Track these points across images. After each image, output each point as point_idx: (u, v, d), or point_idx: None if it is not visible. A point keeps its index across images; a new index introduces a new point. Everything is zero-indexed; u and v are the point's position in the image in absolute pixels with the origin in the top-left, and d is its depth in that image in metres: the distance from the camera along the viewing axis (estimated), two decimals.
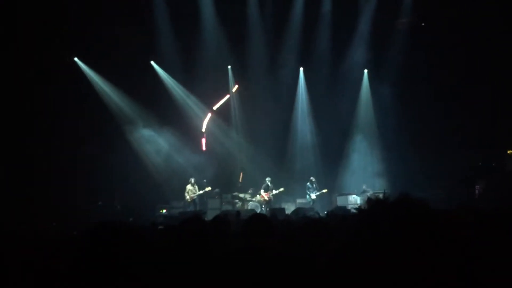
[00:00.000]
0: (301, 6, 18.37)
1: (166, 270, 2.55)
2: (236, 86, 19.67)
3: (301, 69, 19.98)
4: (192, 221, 3.32)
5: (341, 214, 7.12)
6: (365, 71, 19.82)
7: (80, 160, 16.41)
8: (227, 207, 17.60)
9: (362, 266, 1.54)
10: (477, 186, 16.09)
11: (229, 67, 19.64)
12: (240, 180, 17.57)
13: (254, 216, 3.80)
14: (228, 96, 19.68)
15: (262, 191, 17.57)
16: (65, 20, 15.82)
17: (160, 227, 7.55)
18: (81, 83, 17.42)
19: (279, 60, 18.97)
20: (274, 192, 17.58)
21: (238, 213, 11.94)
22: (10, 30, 15.28)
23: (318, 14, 18.50)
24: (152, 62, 18.85)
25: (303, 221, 3.08)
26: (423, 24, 18.43)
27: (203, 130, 19.34)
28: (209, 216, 14.04)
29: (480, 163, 17.10)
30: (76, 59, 17.79)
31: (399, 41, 18.40)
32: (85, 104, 17.00)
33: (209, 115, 19.43)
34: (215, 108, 19.50)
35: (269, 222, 3.48)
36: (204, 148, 19.20)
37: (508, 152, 17.06)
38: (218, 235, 4.13)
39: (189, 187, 17.11)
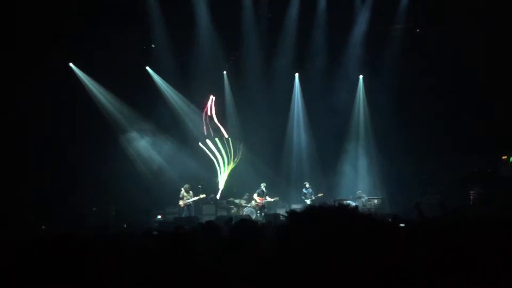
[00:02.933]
0: (296, 11, 18.39)
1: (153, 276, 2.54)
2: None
3: (297, 74, 20.01)
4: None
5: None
6: (361, 76, 19.87)
7: (74, 166, 16.36)
8: (222, 213, 17.56)
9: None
10: (471, 192, 16.13)
11: (225, 72, 19.65)
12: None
13: (241, 221, 3.82)
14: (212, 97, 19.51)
15: (255, 195, 17.53)
16: (60, 26, 15.80)
17: (155, 232, 7.51)
18: (76, 89, 17.38)
19: (274, 65, 18.98)
20: (269, 199, 17.54)
21: (230, 219, 11.89)
22: (6, 36, 15.26)
23: (313, 19, 18.52)
24: (148, 68, 18.85)
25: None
26: (418, 30, 18.51)
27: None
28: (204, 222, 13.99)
29: (475, 169, 17.14)
30: (71, 64, 17.77)
31: (394, 46, 18.42)
32: (80, 110, 16.98)
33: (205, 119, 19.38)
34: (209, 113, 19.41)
35: (255, 225, 3.49)
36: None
37: (503, 157, 17.11)
38: (208, 240, 4.13)
39: (183, 193, 17.06)
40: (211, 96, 19.29)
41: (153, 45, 18.09)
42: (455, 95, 17.11)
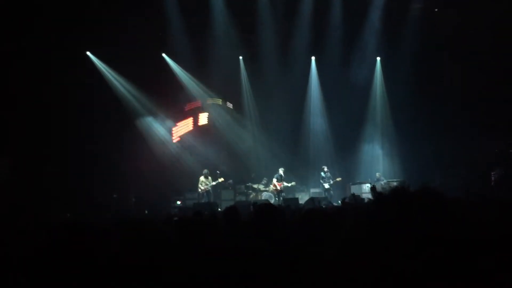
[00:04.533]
0: None
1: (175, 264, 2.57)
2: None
3: (313, 58, 19.85)
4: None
5: (354, 203, 7.10)
6: (378, 58, 19.63)
7: (95, 153, 16.55)
8: (240, 198, 17.68)
9: (371, 256, 1.53)
10: (493, 173, 15.90)
11: (240, 57, 19.58)
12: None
13: (265, 207, 3.80)
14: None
15: (274, 180, 17.55)
16: (76, 15, 15.87)
17: (175, 218, 7.59)
18: (94, 77, 17.51)
19: (291, 49, 18.85)
20: (286, 184, 17.55)
21: (254, 203, 11.94)
22: (23, 25, 15.38)
23: (330, 1, 18.28)
24: (164, 54, 18.88)
25: (311, 212, 3.08)
26: (436, 10, 18.14)
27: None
28: (223, 207, 14.14)
29: (496, 150, 16.87)
30: (88, 53, 17.89)
31: (412, 27, 18.13)
32: (98, 98, 17.10)
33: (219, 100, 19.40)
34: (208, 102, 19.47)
35: (279, 213, 3.48)
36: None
37: None
38: (228, 226, 4.15)
39: (202, 178, 17.16)
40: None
41: (160, 33, 18.02)
42: (474, 76, 16.78)
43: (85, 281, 2.11)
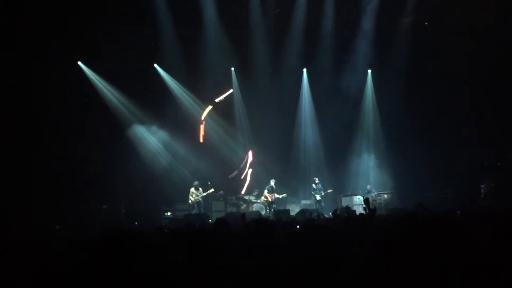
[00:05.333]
0: (304, 6, 18.30)
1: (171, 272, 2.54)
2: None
3: (305, 70, 19.95)
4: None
5: (346, 216, 7.09)
6: (369, 71, 19.77)
7: (84, 163, 16.42)
8: (231, 209, 17.59)
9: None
10: (482, 186, 16.00)
11: (232, 68, 19.63)
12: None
13: (257, 220, 3.77)
14: (231, 90, 19.55)
15: (266, 191, 17.53)
16: (68, 24, 15.85)
17: (166, 230, 7.52)
18: (84, 86, 17.44)
19: (282, 61, 18.93)
20: (277, 196, 17.53)
21: (243, 215, 11.89)
22: (13, 33, 15.32)
23: (321, 13, 18.41)
24: (156, 65, 18.88)
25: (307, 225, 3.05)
26: (426, 23, 18.34)
27: (202, 118, 19.23)
28: (214, 218, 14.06)
29: (485, 163, 16.99)
30: (79, 63, 17.83)
31: (403, 40, 18.31)
32: (88, 107, 17.03)
33: (210, 107, 19.32)
34: (217, 100, 19.35)
35: (271, 226, 3.46)
36: (201, 140, 19.10)
37: None
38: (220, 237, 4.11)
39: (192, 190, 17.10)
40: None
41: (152, 44, 18.03)
42: (464, 88, 16.95)
43: None
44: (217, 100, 19.35)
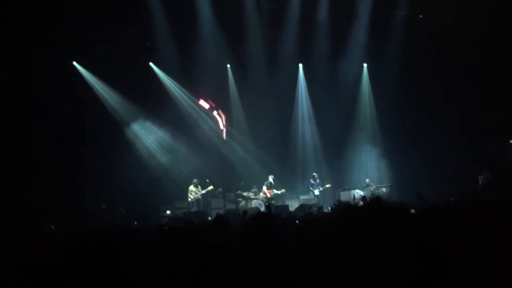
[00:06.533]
0: (298, 2, 18.25)
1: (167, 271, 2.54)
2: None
3: (301, 65, 19.92)
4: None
5: (344, 206, 7.05)
6: (365, 65, 19.74)
7: (82, 163, 16.42)
8: (230, 206, 17.61)
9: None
10: (480, 177, 16.05)
11: (228, 65, 19.59)
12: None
13: (258, 215, 3.77)
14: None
15: (264, 187, 17.54)
16: (62, 24, 15.79)
17: (165, 228, 7.51)
18: (80, 86, 17.38)
19: (278, 56, 18.90)
20: (275, 192, 17.55)
21: (244, 212, 11.88)
22: (9, 33, 15.26)
23: (316, 8, 18.37)
24: (151, 63, 18.82)
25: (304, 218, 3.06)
26: (421, 16, 18.32)
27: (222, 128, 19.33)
28: (213, 215, 14.05)
29: (482, 153, 17.04)
30: (74, 63, 17.76)
31: (398, 34, 18.31)
32: (85, 108, 16.97)
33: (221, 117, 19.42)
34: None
35: (272, 221, 3.46)
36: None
37: (510, 141, 16.99)
38: (219, 234, 4.12)
39: (191, 187, 17.10)
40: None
41: (147, 43, 17.98)
42: (460, 80, 16.99)
43: None
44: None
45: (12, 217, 12.34)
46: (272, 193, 17.46)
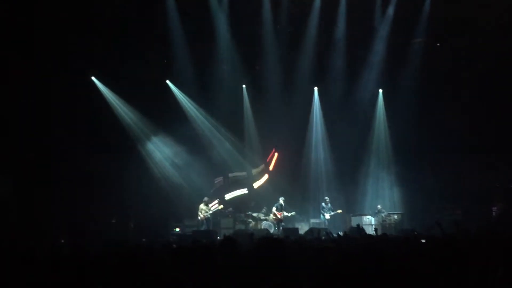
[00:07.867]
0: (316, 26, 18.37)
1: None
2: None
3: (316, 88, 19.97)
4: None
5: (353, 236, 7.02)
6: (380, 91, 19.73)
7: (94, 178, 16.51)
8: (240, 227, 17.51)
9: None
10: (493, 208, 15.81)
11: (244, 86, 19.71)
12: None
13: (267, 240, 3.73)
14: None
15: (274, 209, 17.43)
16: (82, 40, 16.06)
17: (174, 246, 7.50)
18: (97, 102, 17.59)
19: (294, 79, 18.97)
20: (285, 214, 17.43)
21: (251, 234, 11.84)
22: (29, 46, 15.55)
23: (333, 33, 18.48)
24: (168, 81, 19.01)
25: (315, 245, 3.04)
26: (438, 44, 18.33)
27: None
28: (222, 235, 14.01)
29: (497, 184, 16.82)
30: (93, 78, 18.01)
31: (414, 61, 18.30)
32: (100, 122, 17.16)
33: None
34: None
35: (281, 246, 3.44)
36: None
37: None
38: (227, 255, 4.10)
39: (202, 206, 17.07)
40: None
41: (165, 60, 18.21)
42: (475, 109, 16.88)
43: None
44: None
45: (27, 231, 12.46)
46: (282, 215, 17.35)
